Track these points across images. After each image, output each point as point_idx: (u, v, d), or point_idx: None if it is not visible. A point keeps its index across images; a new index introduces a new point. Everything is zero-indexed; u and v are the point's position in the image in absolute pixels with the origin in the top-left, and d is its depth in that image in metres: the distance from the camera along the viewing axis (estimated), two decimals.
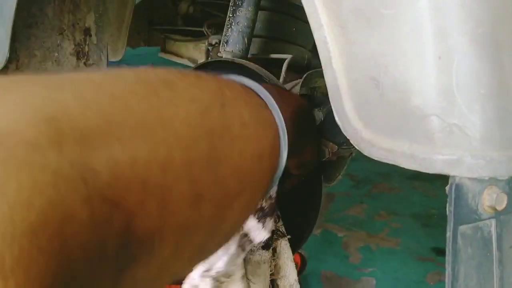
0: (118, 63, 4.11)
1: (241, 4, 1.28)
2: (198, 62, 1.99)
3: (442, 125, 0.55)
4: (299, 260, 1.75)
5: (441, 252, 2.01)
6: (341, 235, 2.08)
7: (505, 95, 0.57)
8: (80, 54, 1.48)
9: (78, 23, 1.45)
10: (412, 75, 0.57)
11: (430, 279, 1.83)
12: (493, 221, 0.54)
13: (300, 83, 1.29)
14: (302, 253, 1.72)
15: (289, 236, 1.05)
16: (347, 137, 0.63)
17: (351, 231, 2.12)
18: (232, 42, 1.29)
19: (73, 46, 1.46)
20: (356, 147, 0.63)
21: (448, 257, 0.51)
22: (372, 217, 2.28)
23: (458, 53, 0.56)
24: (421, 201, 2.41)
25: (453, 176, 0.54)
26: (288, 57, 1.39)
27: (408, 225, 2.21)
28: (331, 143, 1.25)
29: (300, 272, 1.75)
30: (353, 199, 2.42)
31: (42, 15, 1.36)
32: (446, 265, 0.51)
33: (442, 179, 0.58)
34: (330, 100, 0.66)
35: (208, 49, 1.79)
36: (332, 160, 1.25)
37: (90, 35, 1.50)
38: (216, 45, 1.62)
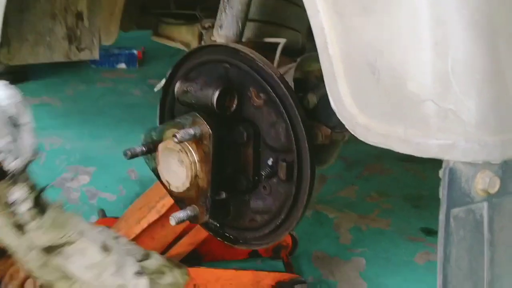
0: (110, 47, 4.03)
1: None
2: (191, 46, 1.98)
3: (437, 110, 0.56)
4: (290, 241, 1.77)
5: (430, 232, 2.04)
6: (332, 216, 2.10)
7: (500, 81, 0.58)
8: (72, 38, 1.47)
9: (70, 7, 1.43)
10: (408, 61, 0.58)
11: (419, 258, 1.87)
12: (485, 204, 0.56)
13: (295, 67, 1.30)
14: (293, 234, 1.74)
15: None
16: (343, 122, 0.64)
17: (342, 212, 2.14)
18: (226, 26, 1.28)
19: (65, 30, 1.45)
20: (352, 132, 0.64)
21: (440, 240, 0.52)
22: (363, 198, 2.30)
23: (454, 39, 0.57)
24: (412, 182, 2.43)
25: (447, 160, 0.55)
26: (282, 41, 1.39)
27: (399, 206, 2.23)
28: (324, 127, 1.26)
29: (291, 252, 1.78)
30: (345, 181, 2.44)
31: None
32: (438, 247, 0.53)
33: (433, 161, 0.59)
34: (326, 86, 0.67)
35: (201, 33, 1.78)
36: (325, 143, 1.26)
37: (82, 19, 1.49)
38: (209, 28, 1.61)
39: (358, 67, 0.60)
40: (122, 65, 4.15)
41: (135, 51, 4.16)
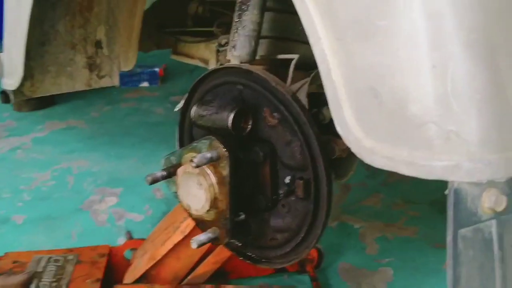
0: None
1: (247, 8, 1.29)
2: (209, 62, 2.00)
3: (439, 132, 0.57)
4: (316, 254, 1.77)
5: None
6: (357, 226, 2.09)
7: (501, 98, 0.58)
8: (93, 67, 1.52)
9: (89, 37, 1.48)
10: (409, 83, 0.59)
11: None
12: (494, 222, 0.56)
13: (309, 82, 1.31)
14: (319, 247, 1.74)
15: None
16: (349, 146, 0.65)
17: (368, 221, 2.13)
18: (239, 46, 1.31)
19: (85, 60, 1.50)
20: (358, 155, 0.65)
21: (449, 261, 0.53)
22: (388, 206, 2.28)
23: (452, 60, 0.57)
24: (438, 187, 2.38)
25: (452, 181, 0.56)
26: (295, 57, 1.41)
27: (425, 213, 2.20)
28: (340, 140, 1.26)
29: (317, 266, 1.77)
30: (369, 189, 2.42)
31: (54, 31, 1.40)
32: (447, 269, 0.53)
33: None
34: (331, 111, 0.68)
35: (217, 50, 1.81)
36: (342, 156, 1.27)
37: (102, 47, 1.54)
38: (226, 45, 1.63)
39: (361, 92, 0.62)
40: (145, 84, 4.22)
41: (156, 69, 4.23)
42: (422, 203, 2.26)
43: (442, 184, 2.01)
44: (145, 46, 2.30)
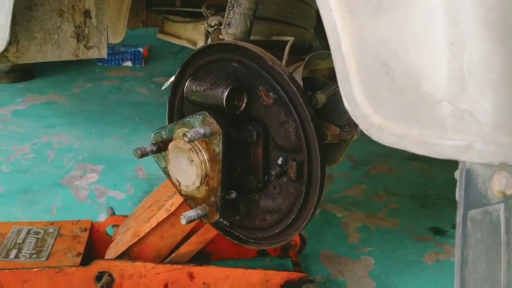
0: (116, 45, 4.04)
1: None
2: (198, 44, 1.97)
3: (453, 111, 0.55)
4: (298, 240, 1.76)
5: (438, 232, 2.03)
6: (340, 216, 2.09)
7: None
8: (80, 37, 1.47)
9: (78, 5, 1.43)
10: (423, 60, 0.57)
11: (428, 258, 1.85)
12: (502, 206, 0.55)
13: (303, 66, 1.29)
14: (302, 233, 1.73)
15: None
16: (356, 122, 0.63)
17: (350, 211, 2.13)
18: (234, 24, 1.28)
19: (73, 29, 1.45)
20: (366, 132, 0.63)
21: (458, 242, 0.52)
22: (370, 197, 2.29)
23: (470, 38, 0.56)
24: (419, 181, 2.42)
25: (464, 162, 0.55)
26: (290, 39, 1.39)
27: (407, 206, 2.22)
28: (333, 126, 1.25)
29: (299, 252, 1.77)
30: (352, 180, 2.43)
31: None
32: (456, 249, 0.52)
33: (440, 160, 0.59)
34: (339, 85, 0.66)
35: (207, 31, 1.78)
36: (334, 142, 1.26)
37: (90, 17, 1.48)
38: (216, 26, 1.60)
39: (371, 67, 0.60)
40: (128, 63, 4.16)
41: (141, 49, 4.17)
42: (403, 196, 2.28)
43: (423, 179, 2.02)
44: (132, 23, 2.25)
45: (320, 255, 1.84)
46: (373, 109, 0.61)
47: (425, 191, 2.35)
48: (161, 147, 1.16)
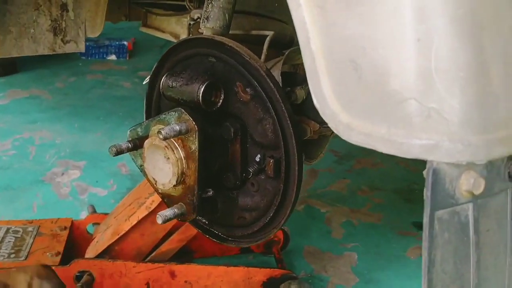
0: (100, 38, 4.00)
1: None
2: (181, 37, 1.95)
3: (420, 109, 0.54)
4: (281, 236, 1.76)
5: (422, 226, 2.02)
6: (324, 211, 2.09)
7: (485, 79, 0.56)
8: (57, 30, 1.44)
9: None
10: (391, 57, 0.56)
11: (411, 253, 1.85)
12: (470, 205, 0.54)
13: (282, 61, 1.28)
14: (285, 229, 1.73)
15: None
16: (325, 120, 0.62)
17: (334, 206, 2.13)
18: (212, 18, 1.26)
19: (49, 22, 1.42)
20: (334, 130, 0.62)
21: (425, 243, 0.51)
22: (354, 192, 2.29)
23: (437, 34, 0.55)
24: (404, 176, 2.42)
25: (431, 161, 0.54)
26: (270, 33, 1.37)
27: (390, 200, 2.22)
28: (312, 122, 1.24)
29: (283, 248, 1.76)
30: (336, 175, 2.43)
31: None
32: (423, 250, 0.51)
33: None
34: (308, 82, 0.65)
35: (190, 24, 1.76)
36: (313, 138, 1.25)
37: (67, 10, 1.46)
38: (198, 19, 1.58)
39: (340, 63, 0.58)
40: (112, 57, 4.11)
41: (125, 42, 4.13)
42: (387, 191, 2.28)
43: (407, 173, 2.01)
44: (114, 16, 2.22)
45: (303, 251, 1.84)
46: (341, 107, 0.59)
47: (409, 185, 2.35)
48: (137, 144, 1.14)
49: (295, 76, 1.26)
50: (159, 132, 1.01)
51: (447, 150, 0.53)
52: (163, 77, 1.14)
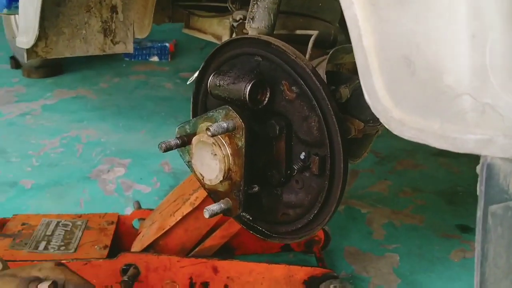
0: (143, 40, 4.09)
1: None
2: (223, 38, 1.98)
3: (474, 105, 0.55)
4: (322, 236, 1.76)
5: (466, 229, 1.99)
6: (364, 212, 2.08)
7: None
8: (107, 32, 1.49)
9: (104, 0, 1.45)
10: (445, 53, 0.57)
11: (454, 256, 1.83)
12: None
13: (326, 60, 1.29)
14: (326, 229, 1.73)
15: None
16: (377, 116, 0.63)
17: (375, 207, 2.12)
18: (258, 18, 1.28)
19: (100, 24, 1.47)
20: (387, 126, 0.62)
21: (478, 237, 0.51)
22: (396, 193, 2.27)
23: (492, 31, 0.55)
24: (446, 178, 2.39)
25: (485, 156, 0.54)
26: (314, 33, 1.38)
27: (433, 202, 2.19)
28: (357, 121, 1.24)
29: (323, 247, 1.77)
30: (377, 176, 2.41)
31: None
32: (476, 244, 0.51)
33: (467, 156, 0.58)
34: (360, 79, 0.66)
35: (232, 25, 1.78)
36: (358, 137, 1.25)
37: (117, 12, 1.51)
38: (241, 21, 1.61)
39: (393, 60, 0.59)
40: (155, 58, 4.20)
41: (167, 44, 4.21)
42: (430, 192, 2.25)
43: (449, 175, 1.98)
44: (158, 18, 2.27)
45: (344, 251, 1.84)
46: (394, 103, 0.60)
47: (452, 187, 2.32)
48: (185, 141, 1.17)
49: (339, 75, 1.27)
50: (207, 129, 1.04)
51: (502, 146, 0.53)
52: (211, 76, 1.16)
